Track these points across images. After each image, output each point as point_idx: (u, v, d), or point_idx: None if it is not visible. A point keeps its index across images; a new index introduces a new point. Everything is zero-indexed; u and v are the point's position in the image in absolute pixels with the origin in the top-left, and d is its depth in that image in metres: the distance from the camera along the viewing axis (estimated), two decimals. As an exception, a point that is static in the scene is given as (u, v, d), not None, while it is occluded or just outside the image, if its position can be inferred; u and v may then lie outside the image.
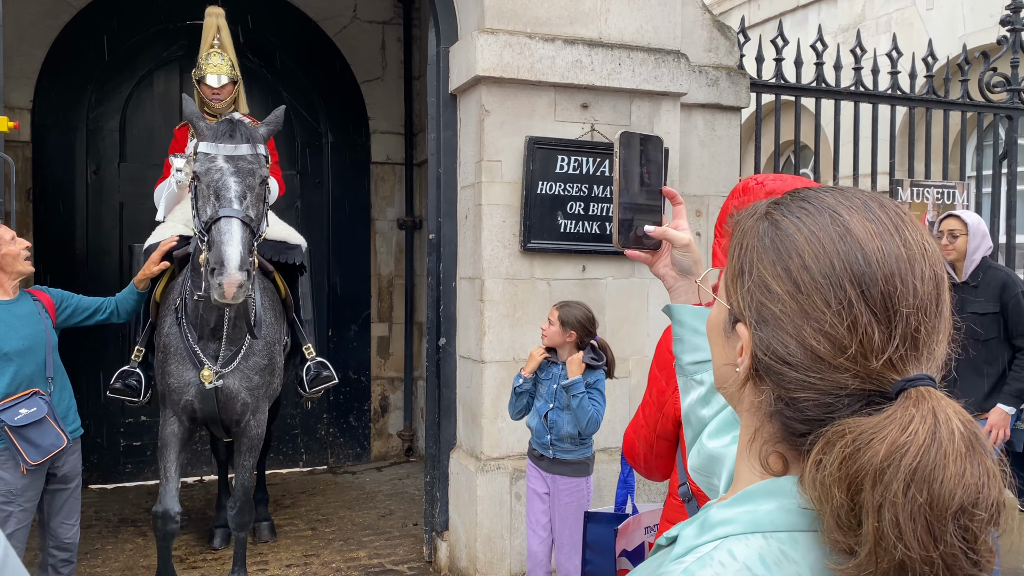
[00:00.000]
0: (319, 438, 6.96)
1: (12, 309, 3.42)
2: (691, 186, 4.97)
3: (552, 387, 3.68)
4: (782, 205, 0.81)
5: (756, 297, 0.78)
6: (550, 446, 3.65)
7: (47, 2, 6.02)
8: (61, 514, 3.59)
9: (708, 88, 4.94)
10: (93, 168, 6.26)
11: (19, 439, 3.29)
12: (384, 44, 7.06)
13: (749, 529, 0.74)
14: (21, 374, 3.37)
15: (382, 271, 7.19)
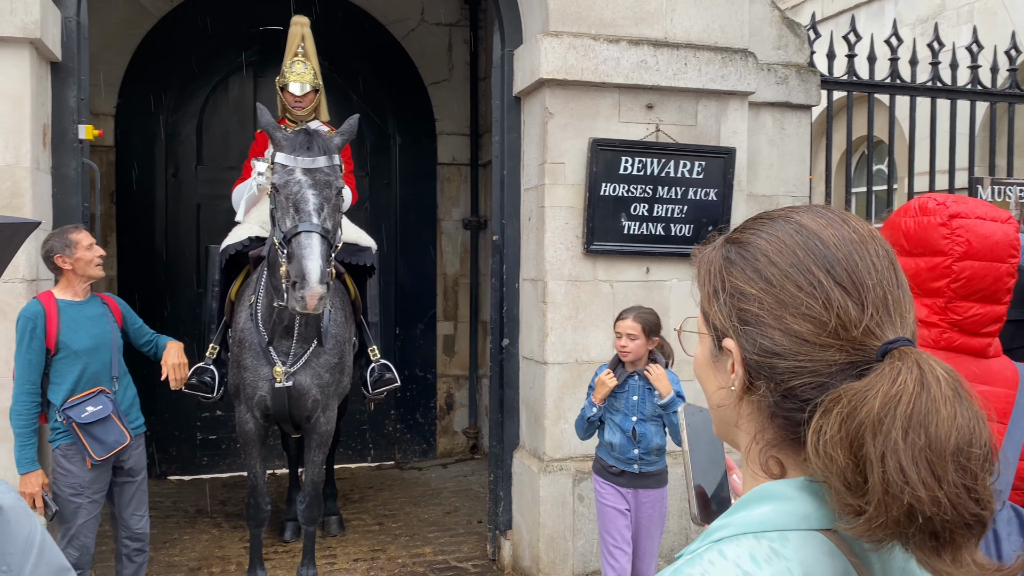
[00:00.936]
0: (387, 434, 7.09)
1: (82, 310, 3.58)
2: (759, 186, 4.89)
3: (632, 399, 3.52)
4: (741, 229, 0.88)
5: (733, 305, 0.83)
6: (636, 460, 3.49)
7: (128, 12, 6.27)
8: (131, 506, 3.74)
9: (777, 86, 4.85)
10: (172, 171, 6.51)
11: (85, 435, 3.45)
12: (451, 46, 7.14)
13: (740, 531, 0.77)
14: (88, 372, 3.52)
15: (448, 270, 7.28)
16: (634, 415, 3.50)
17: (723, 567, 0.74)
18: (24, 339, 3.43)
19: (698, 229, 4.49)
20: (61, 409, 3.45)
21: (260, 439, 4.18)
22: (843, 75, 5.18)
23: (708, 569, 0.74)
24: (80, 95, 4.07)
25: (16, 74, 3.71)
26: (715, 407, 0.90)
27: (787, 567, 0.73)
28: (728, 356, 0.84)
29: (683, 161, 4.45)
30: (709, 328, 0.87)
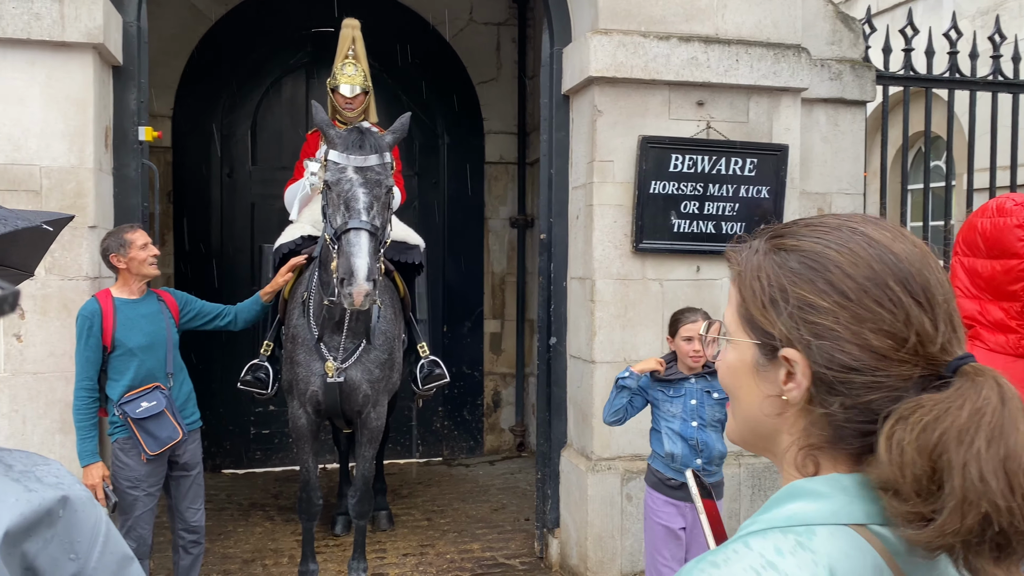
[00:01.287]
0: (434, 431, 7.15)
1: (137, 308, 3.67)
2: (812, 183, 4.82)
3: (690, 403, 3.32)
4: (787, 235, 0.87)
5: (801, 318, 0.82)
6: (700, 471, 3.23)
7: (186, 16, 6.42)
8: (187, 499, 3.83)
9: (831, 82, 4.77)
10: (227, 171, 6.65)
11: (140, 430, 3.54)
12: (499, 45, 7.16)
13: (768, 526, 0.79)
14: (144, 369, 3.61)
15: (495, 269, 7.31)
16: (694, 420, 3.30)
17: (746, 556, 0.75)
18: (82, 337, 3.55)
19: (750, 227, 4.44)
20: (118, 404, 3.56)
21: (312, 434, 4.25)
22: (900, 70, 5.07)
23: (731, 557, 0.75)
24: (140, 98, 4.18)
25: (80, 78, 3.83)
26: (751, 415, 0.89)
27: (812, 559, 0.74)
28: (781, 366, 0.83)
29: (735, 158, 4.40)
30: (755, 334, 0.86)
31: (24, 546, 0.66)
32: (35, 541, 0.67)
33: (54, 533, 0.69)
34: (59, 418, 3.83)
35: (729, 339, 0.89)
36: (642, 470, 4.32)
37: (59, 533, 0.69)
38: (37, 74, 3.80)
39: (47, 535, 0.68)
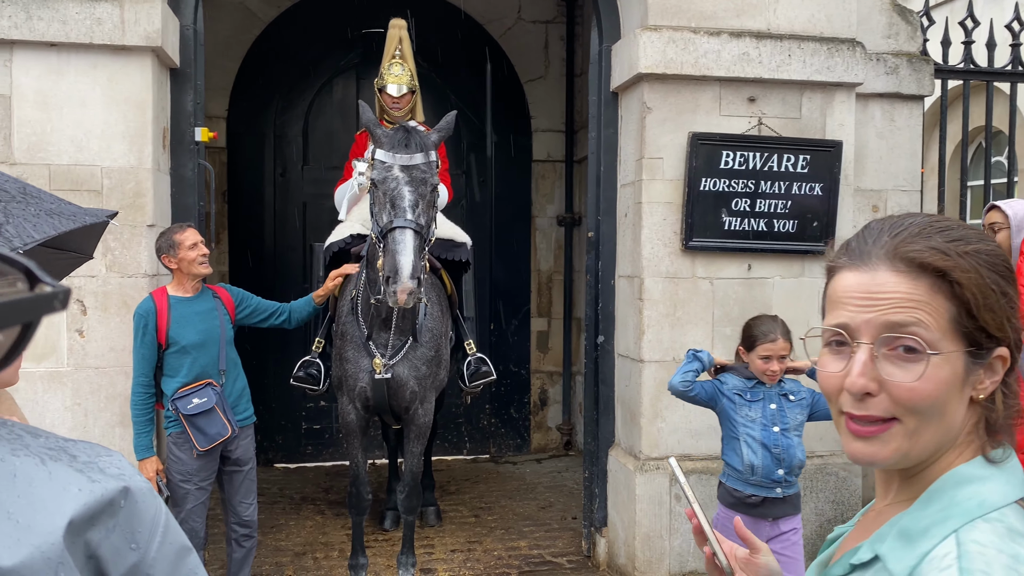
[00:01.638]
0: (482, 428, 7.18)
1: (191, 306, 3.75)
2: (867, 180, 4.72)
3: (769, 407, 3.12)
4: (962, 240, 0.88)
5: (1010, 314, 0.87)
6: (781, 483, 3.04)
7: (239, 18, 6.55)
8: (239, 494, 3.90)
9: (887, 77, 4.67)
10: (280, 171, 6.77)
11: (191, 426, 3.63)
12: (547, 43, 7.16)
13: (967, 518, 0.81)
14: (197, 365, 3.69)
15: (541, 267, 7.31)
16: (775, 425, 3.08)
17: (993, 545, 0.78)
18: (138, 334, 3.66)
19: (803, 225, 4.37)
20: (171, 400, 3.65)
21: (362, 430, 4.30)
22: (959, 63, 4.94)
23: (975, 559, 0.77)
24: (196, 99, 4.28)
25: (139, 80, 3.94)
26: (953, 426, 0.88)
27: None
28: (982, 367, 0.87)
29: (787, 155, 4.33)
30: (965, 341, 0.86)
31: (87, 535, 0.68)
32: (98, 531, 0.69)
33: (116, 523, 0.71)
34: (119, 411, 3.94)
35: (939, 353, 0.85)
36: (691, 470, 4.28)
37: (120, 523, 0.71)
38: (99, 77, 3.91)
39: (109, 525, 0.70)
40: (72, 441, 0.76)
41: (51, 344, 3.86)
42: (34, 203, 0.84)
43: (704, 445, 4.33)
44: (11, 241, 0.78)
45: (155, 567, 0.73)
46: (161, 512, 0.75)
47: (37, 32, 3.80)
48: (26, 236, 0.79)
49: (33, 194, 0.86)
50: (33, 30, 3.79)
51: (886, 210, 4.77)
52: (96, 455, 0.74)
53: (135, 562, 0.72)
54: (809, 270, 4.45)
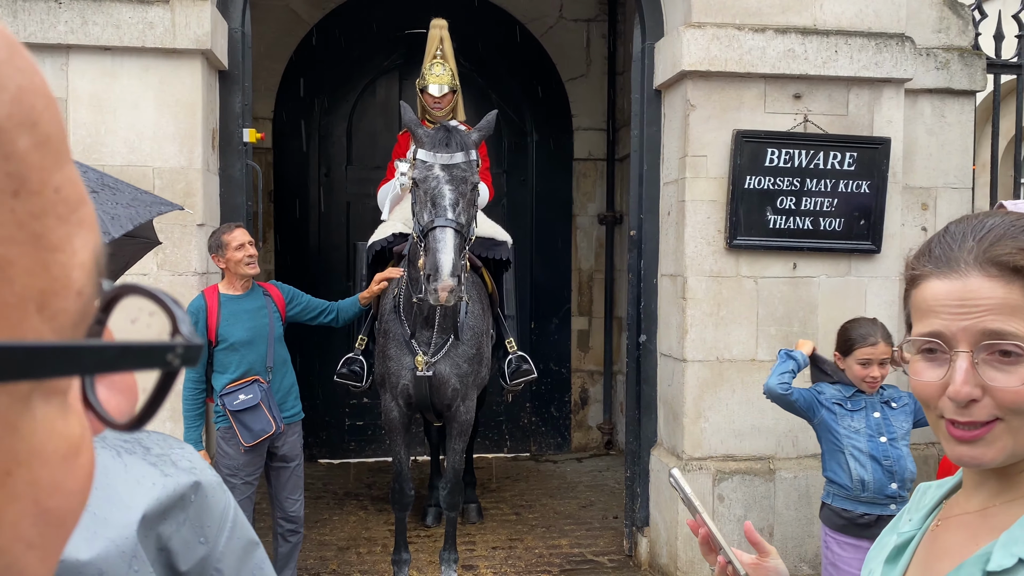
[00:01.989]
0: (522, 426, 7.20)
1: (241, 304, 3.83)
2: (916, 177, 4.63)
3: (872, 415, 2.93)
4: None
5: None
6: (896, 498, 2.80)
7: (285, 21, 6.65)
8: (286, 490, 3.96)
9: (937, 72, 4.57)
10: (324, 171, 6.86)
11: (236, 422, 3.70)
12: (588, 41, 7.14)
13: None
14: (245, 362, 3.77)
15: (582, 266, 7.30)
16: (882, 435, 2.88)
17: None
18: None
19: (849, 223, 4.30)
20: (219, 395, 3.73)
21: (404, 427, 4.35)
22: (1012, 57, 4.82)
23: None
24: (244, 101, 4.36)
25: (190, 83, 4.02)
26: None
27: None
28: None
29: (833, 152, 4.27)
30: None
31: (159, 528, 0.70)
32: (169, 524, 0.71)
33: (186, 517, 0.72)
34: (170, 407, 4.03)
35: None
36: (735, 471, 4.25)
37: (191, 517, 0.73)
38: (150, 80, 4.01)
39: (180, 518, 0.72)
40: (146, 433, 0.78)
41: (105, 340, 3.96)
42: (113, 195, 0.87)
43: (748, 445, 4.30)
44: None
45: (223, 561, 0.75)
46: (230, 507, 0.77)
47: (92, 36, 3.90)
48: (103, 232, 0.81)
49: (111, 185, 0.88)
50: (88, 35, 3.90)
51: (936, 208, 4.68)
52: (169, 447, 0.76)
53: (204, 555, 0.73)
54: (856, 269, 4.38)
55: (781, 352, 3.15)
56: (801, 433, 4.31)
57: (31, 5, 3.86)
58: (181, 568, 0.72)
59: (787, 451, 4.33)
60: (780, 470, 4.30)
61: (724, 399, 4.29)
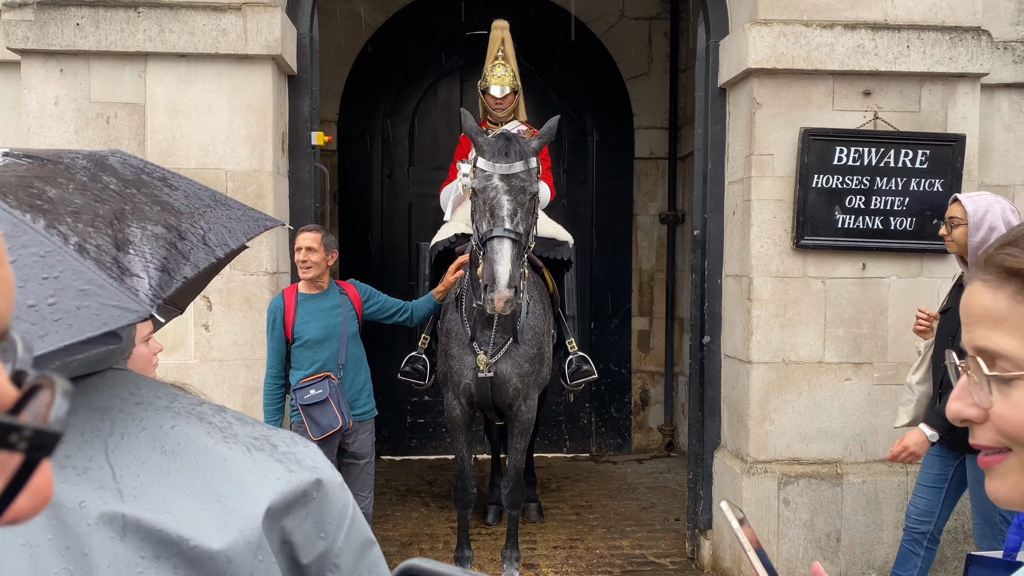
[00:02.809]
0: (582, 426, 7.19)
1: (317, 303, 3.94)
2: (992, 175, 4.49)
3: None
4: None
5: None
6: None
7: (350, 24, 6.77)
8: (355, 486, 4.04)
9: (1015, 66, 4.43)
10: (387, 172, 6.97)
11: (306, 416, 3.80)
12: (650, 39, 7.10)
13: None
14: (318, 359, 3.87)
15: (643, 265, 7.25)
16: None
17: None
18: (268, 329, 3.91)
19: (921, 223, 4.19)
20: (293, 390, 3.84)
21: (466, 425, 4.39)
22: (1097, 48, 4.62)
23: None
24: (312, 105, 4.46)
25: (260, 87, 4.13)
26: None
27: None
28: None
29: (905, 150, 4.17)
30: None
31: (282, 522, 0.73)
32: (292, 518, 0.74)
33: (308, 512, 0.75)
34: (241, 403, 4.15)
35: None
36: (801, 475, 4.18)
37: (312, 513, 0.76)
38: (223, 85, 4.12)
39: (302, 513, 0.75)
40: (274, 430, 0.82)
41: (180, 338, 4.10)
42: (226, 210, 0.91)
43: (814, 449, 4.22)
44: (214, 251, 0.83)
45: (341, 556, 0.78)
46: (349, 505, 0.80)
47: (168, 44, 4.04)
48: (225, 246, 0.85)
49: (222, 201, 0.92)
50: (165, 42, 4.04)
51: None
52: (295, 445, 0.80)
53: (323, 550, 0.76)
54: (928, 270, 4.27)
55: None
56: (870, 437, 4.23)
57: (112, 14, 4.01)
58: (302, 561, 0.75)
59: (855, 455, 4.24)
60: (848, 474, 4.21)
61: (790, 401, 4.22)
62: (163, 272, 0.80)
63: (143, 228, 0.83)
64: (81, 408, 0.77)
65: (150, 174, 1.01)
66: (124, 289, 0.73)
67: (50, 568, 0.65)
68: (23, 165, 0.84)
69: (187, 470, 0.73)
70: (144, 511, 0.69)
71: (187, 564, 0.68)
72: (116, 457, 0.72)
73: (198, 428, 0.78)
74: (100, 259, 0.75)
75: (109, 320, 0.70)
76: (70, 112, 4.08)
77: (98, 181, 0.89)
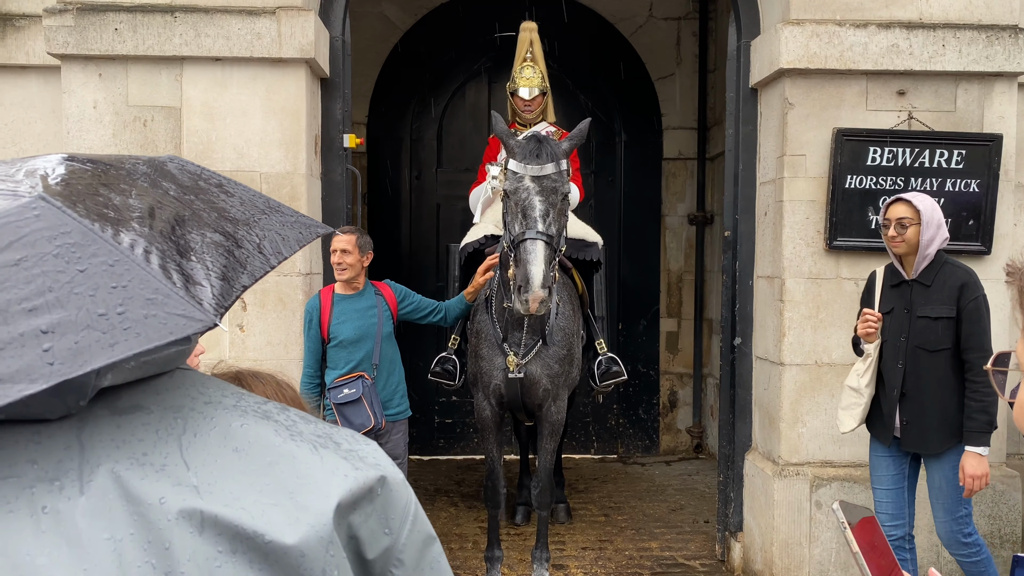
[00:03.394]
0: (609, 428, 7.18)
1: (352, 304, 3.99)
2: (1029, 175, 4.43)
3: None
4: None
5: None
6: None
7: (378, 28, 6.82)
8: None
9: (1054, 64, 4.35)
10: (415, 174, 7.01)
11: (339, 415, 3.84)
12: (679, 40, 7.07)
13: None
14: (353, 359, 3.92)
15: (671, 266, 7.23)
16: None
17: None
18: (305, 329, 3.98)
19: (957, 223, 4.14)
20: (328, 389, 3.88)
21: (497, 425, 4.41)
22: None
23: None
24: (344, 107, 4.50)
25: (294, 90, 4.18)
26: None
27: None
28: None
29: (940, 150, 4.12)
30: None
31: (350, 518, 0.76)
32: (358, 514, 0.76)
33: (373, 508, 0.77)
34: (274, 402, 4.19)
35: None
36: (833, 478, 4.15)
37: (377, 509, 0.78)
38: (258, 88, 4.18)
39: (368, 510, 0.77)
40: (336, 428, 0.84)
41: (215, 338, 4.16)
42: (280, 216, 0.92)
43: (847, 452, 4.19)
44: (268, 259, 0.85)
45: (405, 552, 0.80)
46: (411, 502, 0.82)
47: (204, 48, 4.10)
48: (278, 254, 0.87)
49: (275, 207, 0.94)
50: (201, 46, 4.09)
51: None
52: (356, 443, 0.81)
53: (388, 546, 0.78)
54: (964, 271, 4.22)
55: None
56: (904, 440, 4.18)
57: (149, 19, 4.08)
58: (368, 557, 0.77)
59: (889, 458, 4.20)
60: (882, 478, 4.17)
61: (822, 404, 4.19)
62: (223, 281, 0.81)
63: (202, 235, 0.85)
64: (154, 407, 0.79)
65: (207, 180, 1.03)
66: (189, 298, 0.75)
67: (134, 562, 0.67)
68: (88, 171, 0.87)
69: (258, 467, 0.75)
70: (220, 507, 0.71)
71: (262, 559, 0.70)
72: (190, 454, 0.75)
73: (265, 426, 0.80)
74: (165, 266, 0.77)
75: (176, 329, 0.71)
76: (108, 115, 4.15)
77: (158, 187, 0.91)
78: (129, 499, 0.69)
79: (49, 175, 0.83)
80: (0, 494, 0.68)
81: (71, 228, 0.73)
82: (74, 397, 0.74)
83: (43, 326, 0.67)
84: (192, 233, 0.84)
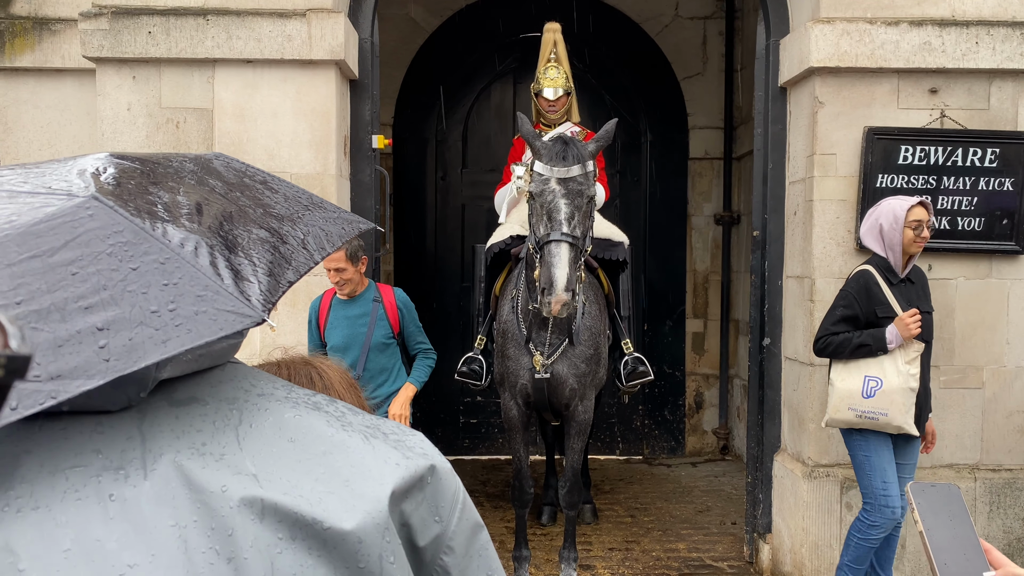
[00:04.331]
0: (635, 428, 7.16)
1: (345, 310, 3.98)
2: (1064, 174, 4.36)
3: None
4: None
5: None
6: None
7: (404, 29, 6.86)
8: None
9: (1090, 60, 4.29)
10: (440, 175, 7.04)
11: None
12: (705, 39, 7.05)
13: None
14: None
15: (697, 267, 7.20)
16: None
17: None
18: (307, 329, 4.02)
19: (990, 223, 4.10)
20: None
21: (523, 425, 4.41)
22: None
23: None
24: (373, 109, 4.53)
25: (324, 92, 4.21)
26: None
27: None
28: None
29: (973, 148, 4.08)
30: None
31: (402, 505, 0.77)
32: (410, 502, 0.78)
33: (423, 496, 0.79)
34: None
35: None
36: (864, 479, 4.11)
37: (427, 497, 0.79)
38: (288, 90, 4.22)
39: (419, 498, 0.79)
40: (382, 420, 0.86)
41: (248, 336, 4.19)
42: (323, 212, 0.94)
43: (878, 453, 4.15)
44: (313, 255, 0.87)
45: (455, 539, 0.81)
46: (460, 490, 0.83)
47: (235, 50, 4.14)
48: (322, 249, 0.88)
49: (318, 203, 0.96)
50: (232, 48, 4.14)
51: (1087, 206, 4.39)
52: (403, 434, 0.83)
53: (438, 533, 0.80)
54: (997, 271, 4.17)
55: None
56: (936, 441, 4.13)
57: (182, 22, 4.13)
58: (419, 544, 0.78)
59: (920, 459, 4.15)
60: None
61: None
62: (270, 276, 0.83)
63: (248, 231, 0.86)
64: (210, 399, 0.81)
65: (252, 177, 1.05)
66: (238, 294, 0.77)
67: (199, 547, 0.69)
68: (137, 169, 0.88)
69: (313, 456, 0.77)
70: (280, 495, 0.72)
71: (321, 545, 0.72)
72: (247, 444, 0.76)
73: (317, 417, 0.81)
74: (214, 262, 0.78)
75: (225, 325, 0.73)
76: (142, 117, 4.21)
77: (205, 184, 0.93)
78: (191, 487, 0.71)
79: (101, 174, 0.85)
80: (69, 482, 0.70)
81: (123, 227, 0.75)
82: (135, 389, 0.76)
83: (99, 323, 0.69)
84: (239, 229, 0.86)
